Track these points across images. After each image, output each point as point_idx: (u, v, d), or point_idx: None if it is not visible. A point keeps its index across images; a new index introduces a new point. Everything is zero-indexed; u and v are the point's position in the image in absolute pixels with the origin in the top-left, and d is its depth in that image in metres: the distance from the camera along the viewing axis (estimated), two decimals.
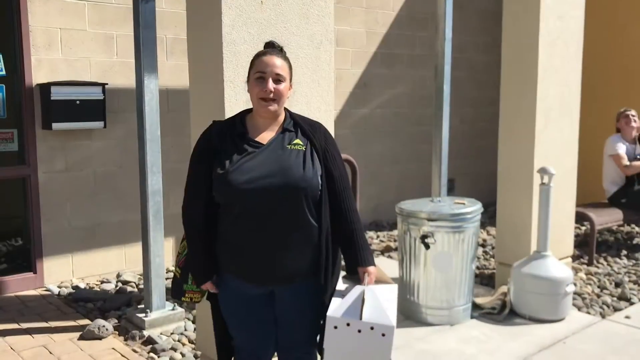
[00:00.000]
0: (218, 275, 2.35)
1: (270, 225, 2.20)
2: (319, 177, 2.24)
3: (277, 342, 2.45)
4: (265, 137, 2.28)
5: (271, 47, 2.31)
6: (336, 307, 2.16)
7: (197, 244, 2.32)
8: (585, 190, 6.67)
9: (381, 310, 2.13)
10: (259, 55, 2.28)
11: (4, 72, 4.59)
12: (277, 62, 2.23)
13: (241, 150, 2.24)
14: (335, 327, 2.12)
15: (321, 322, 2.42)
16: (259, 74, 2.23)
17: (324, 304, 2.32)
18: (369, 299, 2.15)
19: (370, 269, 2.32)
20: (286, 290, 2.31)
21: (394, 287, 2.38)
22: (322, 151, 2.29)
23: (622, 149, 6.01)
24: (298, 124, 2.33)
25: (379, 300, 2.16)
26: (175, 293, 2.48)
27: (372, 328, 2.10)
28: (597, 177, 6.58)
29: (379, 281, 2.36)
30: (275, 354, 2.51)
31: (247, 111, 2.37)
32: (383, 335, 2.09)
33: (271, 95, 2.21)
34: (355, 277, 2.36)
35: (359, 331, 2.11)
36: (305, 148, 2.26)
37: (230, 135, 2.28)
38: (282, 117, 2.33)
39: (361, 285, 2.25)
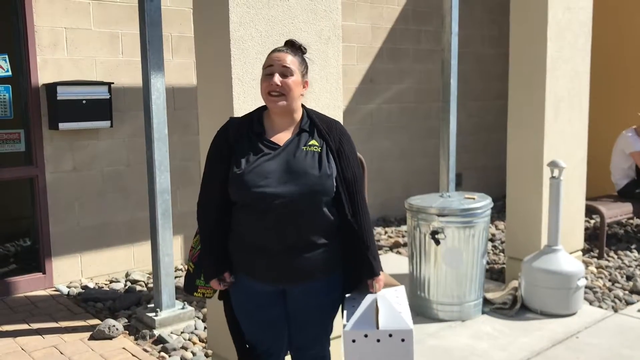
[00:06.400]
0: (232, 272, 2.33)
1: (285, 227, 2.17)
2: (334, 179, 2.22)
3: (290, 342, 2.44)
4: (282, 137, 2.25)
5: (290, 45, 2.28)
6: (350, 321, 2.12)
7: (210, 240, 2.30)
8: (593, 183, 6.62)
9: (397, 315, 2.09)
10: (269, 54, 2.27)
11: (10, 73, 4.58)
12: (285, 57, 2.21)
13: (257, 151, 2.21)
14: (354, 341, 2.08)
15: (332, 323, 2.41)
16: (267, 69, 2.22)
17: (338, 302, 2.30)
18: (382, 306, 2.11)
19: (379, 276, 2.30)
20: (298, 288, 2.29)
21: (401, 289, 2.34)
22: (336, 151, 2.25)
23: None
24: (315, 124, 2.29)
25: (392, 305, 2.12)
26: (187, 288, 2.47)
27: (390, 335, 2.06)
28: (605, 169, 6.53)
29: (385, 284, 2.31)
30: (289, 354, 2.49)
31: (264, 108, 2.33)
32: (403, 340, 2.06)
33: (278, 88, 2.18)
34: (361, 286, 2.32)
35: (378, 340, 2.07)
36: (320, 149, 2.23)
37: (247, 133, 2.25)
38: (299, 116, 2.29)
39: (371, 294, 2.20)
